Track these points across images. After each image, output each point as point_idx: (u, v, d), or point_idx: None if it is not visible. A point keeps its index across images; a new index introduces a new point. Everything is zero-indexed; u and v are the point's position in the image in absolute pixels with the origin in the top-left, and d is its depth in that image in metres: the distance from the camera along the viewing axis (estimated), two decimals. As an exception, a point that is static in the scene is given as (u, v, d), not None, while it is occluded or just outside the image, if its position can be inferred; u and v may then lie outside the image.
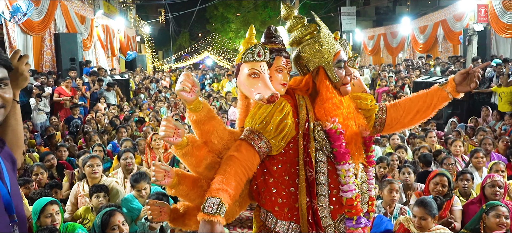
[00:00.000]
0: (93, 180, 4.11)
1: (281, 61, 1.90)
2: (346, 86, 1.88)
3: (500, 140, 6.38)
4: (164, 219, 1.93)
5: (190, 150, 1.79)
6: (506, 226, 3.03)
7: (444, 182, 3.68)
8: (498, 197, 3.64)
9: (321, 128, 1.83)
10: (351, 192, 1.79)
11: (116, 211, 2.91)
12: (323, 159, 1.82)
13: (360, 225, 1.82)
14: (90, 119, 8.19)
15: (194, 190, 1.88)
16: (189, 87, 1.69)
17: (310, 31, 1.90)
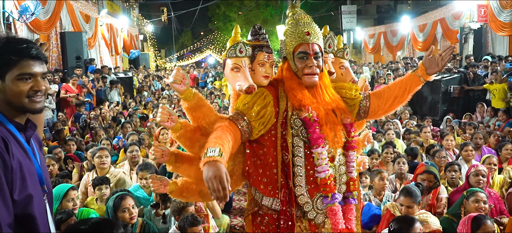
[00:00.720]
0: (102, 171, 4.38)
1: (263, 56, 2.12)
2: (307, 76, 2.05)
3: (491, 135, 6.64)
4: (164, 190, 2.22)
5: (184, 133, 2.06)
6: (484, 210, 3.28)
7: (431, 178, 3.93)
8: (481, 185, 3.89)
9: (297, 116, 2.05)
10: (324, 172, 2.01)
11: (127, 195, 3.18)
12: (299, 144, 2.03)
13: (335, 200, 2.03)
14: (97, 115, 8.46)
15: (190, 167, 2.16)
16: (180, 80, 1.97)
17: (288, 25, 2.14)
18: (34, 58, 1.58)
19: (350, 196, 2.15)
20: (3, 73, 1.52)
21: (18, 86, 1.55)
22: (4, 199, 1.43)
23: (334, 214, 2.04)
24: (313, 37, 2.07)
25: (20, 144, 1.58)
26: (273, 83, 2.16)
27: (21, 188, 1.50)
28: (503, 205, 4.03)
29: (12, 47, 1.54)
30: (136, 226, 3.25)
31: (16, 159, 1.50)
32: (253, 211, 2.17)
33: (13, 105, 1.57)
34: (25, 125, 1.63)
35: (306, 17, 2.13)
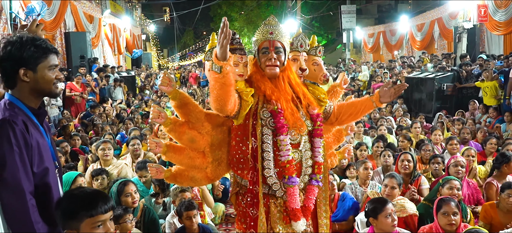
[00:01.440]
0: (105, 162, 4.69)
1: (237, 58, 2.38)
2: (268, 68, 2.33)
3: (479, 130, 6.92)
4: (160, 177, 2.52)
5: (173, 127, 2.40)
6: (457, 196, 3.54)
7: (407, 157, 4.31)
8: (460, 175, 4.17)
9: (266, 109, 2.32)
10: (285, 156, 2.27)
11: (129, 181, 3.48)
12: (268, 132, 2.30)
13: (293, 183, 2.28)
14: (100, 112, 8.78)
15: (180, 156, 2.47)
16: (167, 83, 2.30)
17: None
18: (56, 53, 1.93)
19: (314, 178, 2.41)
20: (36, 65, 1.84)
21: (49, 75, 1.88)
22: (26, 171, 1.73)
23: (290, 194, 2.30)
24: (275, 36, 2.35)
25: (36, 125, 1.88)
26: (247, 80, 2.43)
27: (39, 162, 1.80)
28: (480, 194, 4.30)
29: (40, 44, 1.85)
30: (137, 210, 3.55)
31: (34, 138, 1.80)
32: (235, 192, 2.49)
33: (42, 91, 1.90)
34: (38, 109, 1.94)
35: (274, 21, 2.43)
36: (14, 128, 1.71)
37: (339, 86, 2.88)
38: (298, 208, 2.31)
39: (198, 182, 2.61)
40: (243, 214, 2.40)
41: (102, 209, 1.71)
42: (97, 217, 1.70)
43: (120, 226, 3.21)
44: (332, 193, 3.88)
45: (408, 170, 4.28)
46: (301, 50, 2.60)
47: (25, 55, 1.81)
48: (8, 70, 1.83)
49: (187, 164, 2.49)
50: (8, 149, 1.68)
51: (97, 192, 1.83)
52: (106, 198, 1.78)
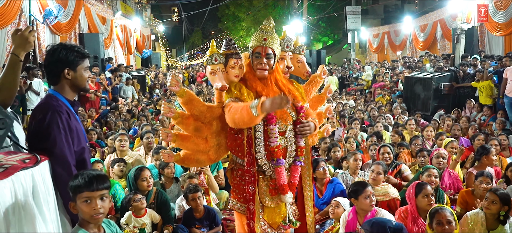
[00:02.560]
0: (121, 152, 5.20)
1: (233, 62, 2.80)
2: (258, 70, 2.75)
3: (470, 127, 7.31)
4: (171, 160, 2.99)
5: (181, 120, 2.85)
6: (435, 183, 3.97)
7: (386, 150, 4.83)
8: (441, 165, 4.61)
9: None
10: (274, 142, 2.70)
11: (145, 168, 3.99)
12: (259, 123, 2.68)
13: (280, 164, 2.72)
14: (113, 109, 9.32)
15: (187, 142, 2.92)
16: (175, 83, 2.75)
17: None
18: (89, 57, 2.45)
19: (297, 159, 2.86)
20: (76, 66, 2.33)
21: (84, 75, 2.38)
22: (70, 149, 2.23)
23: (278, 173, 2.75)
24: (269, 42, 2.74)
25: (73, 114, 2.37)
26: (242, 78, 2.86)
27: (78, 143, 2.30)
28: (460, 183, 4.72)
29: (78, 49, 2.34)
30: (151, 193, 4.03)
31: (74, 123, 2.30)
32: (231, 167, 2.97)
33: (79, 87, 2.39)
34: (74, 101, 2.43)
35: (270, 28, 2.79)
36: (60, 116, 2.20)
37: (319, 77, 3.27)
38: (285, 183, 2.75)
39: (202, 163, 3.09)
40: (238, 186, 2.88)
41: (90, 187, 2.04)
42: (85, 193, 2.02)
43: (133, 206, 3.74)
44: (323, 177, 4.33)
45: (389, 161, 4.74)
46: (287, 51, 2.99)
47: (70, 58, 2.30)
48: (55, 70, 2.32)
49: (192, 149, 2.95)
50: (57, 132, 2.17)
51: (97, 175, 2.11)
52: (99, 180, 2.06)
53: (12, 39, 2.34)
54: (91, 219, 2.07)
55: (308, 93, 3.25)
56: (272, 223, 2.87)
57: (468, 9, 13.58)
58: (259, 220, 2.81)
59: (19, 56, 2.27)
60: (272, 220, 2.88)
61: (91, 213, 2.04)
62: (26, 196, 1.84)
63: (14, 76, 2.28)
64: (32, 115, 2.30)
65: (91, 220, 2.07)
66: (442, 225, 2.92)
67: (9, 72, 2.27)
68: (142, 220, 3.76)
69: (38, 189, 1.94)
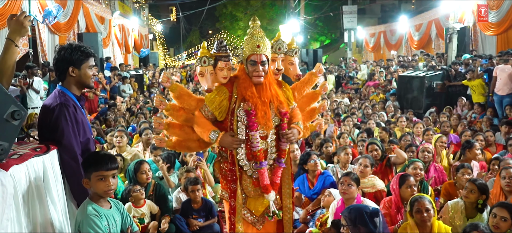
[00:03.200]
0: (120, 148, 5.40)
1: (222, 64, 2.95)
2: (255, 78, 2.83)
3: (459, 124, 7.55)
4: (163, 145, 3.18)
5: (172, 112, 3.02)
6: (420, 175, 4.18)
7: (374, 147, 5.02)
8: (426, 159, 4.84)
9: (242, 108, 2.85)
10: (255, 147, 2.86)
11: (144, 161, 4.19)
12: (242, 127, 2.86)
13: (262, 166, 2.88)
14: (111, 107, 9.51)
15: (179, 130, 3.08)
16: (166, 80, 2.95)
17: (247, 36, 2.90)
18: (94, 56, 2.63)
19: (279, 161, 3.02)
20: (80, 64, 2.52)
21: (89, 73, 2.58)
22: (77, 140, 2.43)
23: (261, 174, 2.91)
24: (262, 49, 2.81)
25: (79, 108, 2.57)
26: (231, 79, 2.98)
27: (84, 134, 2.50)
28: (446, 176, 4.94)
29: (83, 49, 2.53)
30: (150, 186, 4.23)
31: (80, 116, 2.50)
32: (218, 160, 3.18)
33: (83, 84, 2.58)
34: (80, 96, 2.63)
35: (260, 33, 2.87)
36: (68, 109, 2.40)
37: (314, 75, 3.31)
38: (268, 183, 2.93)
39: (193, 149, 3.35)
40: (225, 178, 3.07)
41: (105, 167, 2.29)
42: (100, 172, 2.27)
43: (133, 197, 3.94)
44: (315, 170, 4.54)
45: (377, 157, 4.96)
46: (279, 53, 3.08)
47: (74, 57, 2.50)
48: (61, 68, 2.52)
49: (184, 137, 3.12)
50: (65, 124, 2.37)
51: (108, 155, 2.41)
52: (111, 161, 2.33)
53: (8, 24, 2.41)
54: (104, 194, 2.33)
55: (302, 90, 3.31)
56: (255, 211, 3.04)
57: (462, 9, 13.85)
58: (241, 216, 2.98)
59: (14, 41, 2.35)
60: (255, 208, 3.04)
61: (105, 189, 2.30)
62: (38, 180, 2.04)
63: (10, 60, 2.36)
64: (42, 109, 2.50)
65: (104, 195, 2.33)
66: (421, 212, 3.12)
67: (6, 56, 2.35)
68: (141, 210, 3.96)
69: (48, 175, 2.14)
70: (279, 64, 3.10)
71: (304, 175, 4.60)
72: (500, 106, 8.57)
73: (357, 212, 2.71)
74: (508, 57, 8.48)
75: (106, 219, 2.30)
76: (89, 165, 2.29)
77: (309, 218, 4.27)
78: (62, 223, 2.24)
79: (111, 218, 2.35)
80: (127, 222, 2.47)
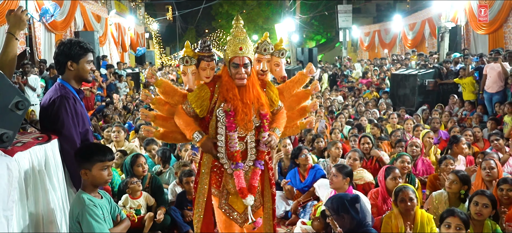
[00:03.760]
0: (117, 143, 5.53)
1: (205, 64, 2.96)
2: (237, 80, 2.82)
3: (449, 121, 7.73)
4: (151, 136, 3.25)
5: (158, 106, 3.10)
6: (407, 168, 4.35)
7: (367, 140, 5.17)
8: (414, 153, 5.01)
9: (222, 108, 2.86)
10: (233, 148, 2.86)
11: (140, 155, 4.32)
12: (222, 127, 2.87)
13: (238, 167, 2.89)
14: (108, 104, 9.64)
15: (165, 122, 3.14)
16: (150, 76, 3.02)
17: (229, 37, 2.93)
18: (93, 52, 2.76)
19: (258, 163, 2.99)
20: (78, 59, 2.64)
21: (87, 67, 2.69)
22: (76, 130, 2.57)
23: (237, 177, 2.90)
24: (244, 51, 2.81)
25: (78, 100, 2.70)
26: (214, 79, 2.98)
27: (83, 125, 2.63)
28: (433, 170, 5.11)
29: (82, 45, 2.66)
30: (146, 178, 4.37)
31: (79, 108, 2.63)
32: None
33: (81, 78, 2.71)
34: (79, 89, 2.76)
35: (242, 34, 2.86)
36: (68, 101, 2.53)
37: (305, 75, 3.25)
38: (244, 187, 2.88)
39: (179, 141, 3.41)
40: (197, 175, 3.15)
41: (108, 157, 2.44)
42: (105, 162, 2.40)
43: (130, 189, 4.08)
44: (306, 163, 4.69)
45: (368, 150, 5.11)
46: (264, 54, 3.07)
47: (72, 52, 2.63)
48: (61, 62, 2.65)
49: (170, 128, 3.16)
50: (65, 115, 2.50)
51: (105, 146, 2.56)
52: (110, 151, 2.47)
53: (7, 20, 2.52)
54: (105, 184, 2.48)
55: (291, 90, 3.27)
56: (237, 208, 3.04)
57: (454, 8, 14.06)
58: (222, 208, 3.03)
59: (14, 34, 2.48)
60: (236, 205, 3.04)
61: (107, 179, 2.44)
62: (40, 166, 2.18)
63: (12, 53, 2.49)
64: (43, 101, 2.62)
65: (104, 184, 2.48)
66: (405, 201, 3.27)
67: (7, 50, 2.48)
68: (138, 201, 4.10)
69: (49, 162, 2.28)
70: (264, 65, 3.09)
71: (296, 169, 4.76)
72: (490, 104, 8.77)
73: (338, 201, 2.86)
74: (497, 55, 8.67)
75: (101, 209, 2.43)
76: (91, 155, 2.38)
77: (300, 209, 4.42)
78: (62, 208, 2.37)
79: (104, 208, 2.47)
80: (116, 211, 2.59)
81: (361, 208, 2.81)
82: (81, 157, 2.41)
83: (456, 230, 2.67)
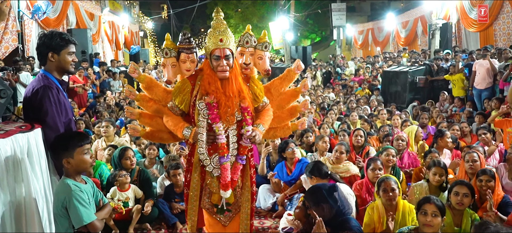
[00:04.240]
0: (107, 138, 5.57)
1: (184, 56, 2.92)
2: (219, 73, 2.79)
3: (437, 117, 7.82)
4: (136, 135, 3.20)
5: (142, 103, 3.06)
6: (392, 161, 4.42)
7: (360, 133, 5.25)
8: (400, 147, 5.08)
9: (202, 101, 2.82)
10: (221, 139, 2.84)
11: (129, 148, 4.37)
12: (203, 120, 2.84)
13: (227, 160, 2.87)
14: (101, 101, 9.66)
15: (150, 121, 3.11)
16: (133, 71, 2.97)
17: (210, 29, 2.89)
18: (74, 43, 2.79)
19: (239, 158, 2.97)
20: (59, 50, 2.69)
21: (68, 59, 2.73)
22: (60, 119, 2.61)
23: (225, 170, 2.88)
24: (225, 43, 2.78)
25: (61, 90, 2.74)
26: (196, 73, 2.97)
27: (66, 115, 2.68)
28: (419, 163, 5.18)
29: (63, 36, 2.69)
30: (134, 171, 4.41)
31: (62, 98, 2.67)
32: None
33: (62, 69, 2.75)
34: (62, 80, 2.80)
35: (222, 26, 2.84)
36: (51, 91, 2.58)
37: (293, 71, 3.20)
38: (228, 181, 2.89)
39: (166, 140, 3.32)
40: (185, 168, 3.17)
41: (86, 141, 2.49)
42: (84, 146, 2.45)
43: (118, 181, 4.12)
44: (292, 157, 4.75)
45: (360, 143, 5.18)
46: (247, 47, 3.02)
47: (53, 43, 2.67)
48: (42, 53, 2.69)
49: (156, 127, 3.13)
50: (49, 104, 2.55)
51: (79, 132, 2.63)
52: (87, 135, 2.57)
53: None
54: (89, 167, 2.56)
55: (279, 87, 3.21)
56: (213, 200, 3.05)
57: (446, 6, 14.18)
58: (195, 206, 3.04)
59: None
60: (214, 199, 3.04)
61: (90, 162, 2.51)
62: (23, 154, 2.22)
63: None
64: (26, 91, 2.66)
65: (89, 168, 2.56)
66: (387, 192, 3.34)
67: None
68: (126, 194, 4.14)
69: (32, 151, 2.32)
70: (247, 58, 3.03)
71: (283, 162, 4.82)
72: (479, 100, 8.88)
73: (316, 191, 2.91)
74: (486, 52, 8.76)
75: (86, 194, 2.48)
76: (68, 143, 2.42)
77: (286, 202, 4.48)
78: (44, 196, 2.42)
79: (89, 193, 2.52)
80: (98, 196, 2.64)
81: (339, 197, 2.87)
82: (60, 147, 2.44)
83: (432, 216, 2.73)
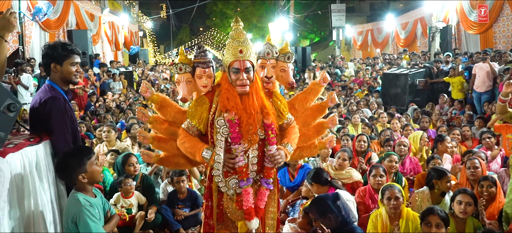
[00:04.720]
0: (109, 143, 5.58)
1: (200, 71, 2.67)
2: (239, 87, 2.48)
3: (437, 120, 7.85)
4: (150, 161, 2.99)
5: (155, 125, 2.82)
6: (395, 168, 4.44)
7: (363, 138, 5.27)
8: (402, 152, 5.10)
9: (222, 118, 2.51)
10: (240, 162, 2.53)
11: (132, 154, 4.37)
12: (221, 139, 2.51)
13: (249, 183, 2.58)
14: (101, 104, 9.66)
15: (165, 145, 2.86)
16: (145, 90, 2.73)
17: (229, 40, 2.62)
18: (77, 53, 2.80)
19: (266, 181, 2.65)
20: (62, 61, 2.70)
21: (71, 69, 2.74)
22: (67, 129, 2.64)
23: (247, 194, 2.58)
24: (245, 55, 2.48)
25: (67, 100, 2.76)
26: (214, 88, 2.68)
27: (72, 125, 2.71)
28: (420, 168, 5.20)
29: (66, 47, 2.71)
30: (137, 178, 4.42)
31: (68, 109, 2.69)
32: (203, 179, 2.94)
33: (66, 80, 2.75)
34: (67, 90, 2.81)
35: (242, 36, 2.55)
36: (59, 101, 2.60)
37: (318, 84, 2.95)
38: (251, 207, 2.57)
39: (182, 166, 3.05)
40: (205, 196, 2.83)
41: (93, 152, 2.53)
42: (92, 156, 2.48)
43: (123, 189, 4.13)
44: (295, 163, 4.76)
45: (363, 149, 5.20)
46: (268, 58, 2.79)
47: (55, 54, 2.69)
48: (46, 64, 2.72)
49: (171, 152, 2.85)
50: (57, 115, 2.58)
51: (85, 146, 2.71)
52: (89, 147, 2.61)
53: None
54: (100, 178, 2.58)
55: (304, 102, 2.95)
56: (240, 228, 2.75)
57: (446, 8, 14.21)
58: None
59: (4, 37, 2.49)
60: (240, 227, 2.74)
61: (101, 170, 2.55)
62: (31, 167, 2.24)
63: (1, 55, 2.49)
64: (33, 102, 2.68)
65: (99, 178, 2.58)
66: (390, 200, 3.37)
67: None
68: (129, 201, 4.15)
69: (40, 164, 2.34)
70: (269, 70, 2.78)
71: (285, 168, 4.82)
72: (479, 103, 8.91)
73: (321, 202, 2.92)
74: (486, 55, 8.80)
75: (96, 208, 2.50)
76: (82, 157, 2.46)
77: (289, 208, 4.49)
78: (52, 209, 2.44)
79: (99, 206, 2.54)
80: (106, 207, 2.65)
81: (342, 205, 2.89)
82: (74, 164, 2.43)
83: (436, 228, 2.76)
